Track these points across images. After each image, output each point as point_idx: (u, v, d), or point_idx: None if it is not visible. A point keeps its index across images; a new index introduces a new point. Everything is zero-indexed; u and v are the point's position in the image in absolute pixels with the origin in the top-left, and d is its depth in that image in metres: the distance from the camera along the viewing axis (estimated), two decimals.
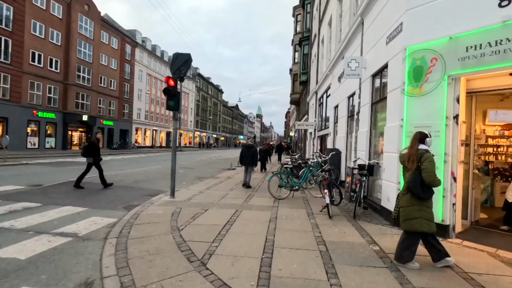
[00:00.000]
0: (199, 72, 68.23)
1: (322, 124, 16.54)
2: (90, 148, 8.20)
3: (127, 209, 6.00)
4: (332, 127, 12.38)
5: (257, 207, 6.35)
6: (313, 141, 18.83)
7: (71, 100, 29.82)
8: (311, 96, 20.96)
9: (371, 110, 6.95)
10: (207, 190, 8.41)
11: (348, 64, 7.27)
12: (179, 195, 7.41)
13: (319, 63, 18.18)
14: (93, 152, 8.18)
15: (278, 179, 7.52)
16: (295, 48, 33.27)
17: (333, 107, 12.35)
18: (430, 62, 4.58)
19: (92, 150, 8.17)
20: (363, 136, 7.15)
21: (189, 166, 16.51)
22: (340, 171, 9.98)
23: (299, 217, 5.53)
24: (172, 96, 6.81)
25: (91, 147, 8.21)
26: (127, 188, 8.64)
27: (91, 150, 8.18)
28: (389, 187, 5.25)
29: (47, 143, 27.98)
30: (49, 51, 27.29)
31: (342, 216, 5.72)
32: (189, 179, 11.04)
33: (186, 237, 4.14)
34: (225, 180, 10.93)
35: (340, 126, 10.69)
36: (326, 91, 14.90)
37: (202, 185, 9.49)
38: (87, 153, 8.15)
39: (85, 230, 4.47)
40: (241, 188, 9.04)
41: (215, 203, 6.66)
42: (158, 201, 6.63)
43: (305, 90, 26.75)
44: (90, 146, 8.25)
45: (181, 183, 9.78)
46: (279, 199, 7.28)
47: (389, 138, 5.42)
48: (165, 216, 5.33)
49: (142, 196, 7.49)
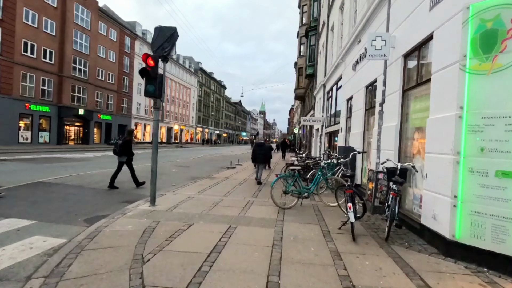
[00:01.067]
0: (201, 67, 66.78)
1: (331, 119, 15.09)
2: (125, 147, 7.67)
3: (89, 222, 4.66)
4: (344, 122, 10.94)
5: (256, 221, 4.98)
6: (320, 138, 17.39)
7: (66, 93, 28.60)
8: (318, 90, 19.48)
9: (401, 99, 5.52)
10: (198, 195, 7.06)
11: (372, 43, 5.82)
12: (162, 202, 6.06)
13: (327, 53, 16.69)
14: (127, 151, 7.69)
15: (283, 184, 6.13)
16: (300, 41, 31.70)
17: (345, 99, 10.90)
18: (510, 23, 3.14)
19: (126, 149, 7.69)
20: (391, 132, 5.73)
21: (184, 164, 15.19)
22: (355, 173, 8.57)
23: (312, 238, 4.14)
24: (152, 79, 5.43)
25: (126, 146, 7.69)
26: (104, 191, 7.31)
27: (126, 148, 7.67)
28: (437, 202, 3.84)
29: (41, 138, 26.83)
30: (43, 41, 26.02)
31: (369, 237, 4.32)
32: (181, 180, 9.70)
33: (149, 279, 2.78)
34: (222, 181, 9.57)
35: (355, 121, 9.26)
36: (336, 83, 13.44)
37: (194, 187, 8.14)
38: (121, 152, 7.64)
39: (8, 261, 3.13)
40: (239, 192, 7.68)
41: (204, 214, 5.30)
42: (133, 211, 5.28)
43: (311, 84, 25.25)
44: (125, 144, 7.69)
45: (170, 185, 8.45)
46: (284, 209, 5.91)
47: (436, 133, 4.00)
48: (132, 235, 3.98)
49: (117, 202, 6.15)
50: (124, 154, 7.66)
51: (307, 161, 9.27)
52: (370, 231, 4.61)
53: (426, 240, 4.10)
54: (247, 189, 8.24)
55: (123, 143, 7.66)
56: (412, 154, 5.10)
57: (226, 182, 9.53)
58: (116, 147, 7.65)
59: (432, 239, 3.93)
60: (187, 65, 59.20)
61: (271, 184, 5.97)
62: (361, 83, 8.63)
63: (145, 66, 5.40)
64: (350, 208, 3.98)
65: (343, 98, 11.27)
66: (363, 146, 8.42)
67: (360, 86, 8.74)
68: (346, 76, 11.02)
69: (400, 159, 5.46)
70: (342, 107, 11.42)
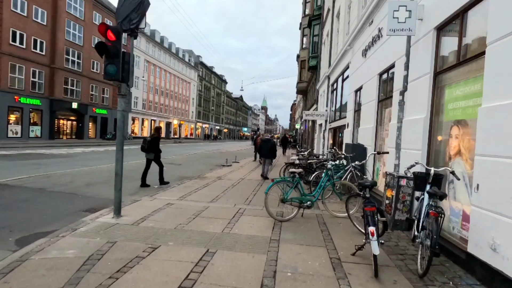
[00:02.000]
0: (201, 60, 65.37)
1: (336, 114, 13.88)
2: (153, 143, 7.49)
3: (20, 243, 3.54)
4: (352, 116, 9.74)
5: (244, 241, 3.83)
6: (323, 134, 16.19)
7: (58, 85, 27.45)
8: (322, 83, 18.23)
9: (432, 85, 4.32)
10: (179, 201, 5.92)
11: (394, 14, 4.61)
12: (131, 212, 4.92)
13: (332, 43, 15.41)
14: (155, 147, 7.53)
15: (280, 190, 4.98)
16: (303, 32, 30.31)
17: (353, 91, 9.70)
18: None
19: (155, 146, 7.52)
20: (416, 127, 4.54)
21: (177, 162, 14.05)
22: (365, 174, 7.41)
23: (317, 272, 2.99)
24: (112, 57, 4.25)
25: (154, 143, 7.50)
26: (65, 195, 6.17)
27: (154, 145, 7.49)
28: (498, 226, 2.68)
29: (32, 132, 25.77)
30: (33, 31, 24.80)
31: (395, 269, 3.16)
32: None
33: None
34: (213, 182, 8.42)
35: (365, 115, 8.07)
36: (342, 73, 12.20)
37: (178, 190, 7.00)
38: (150, 149, 7.46)
39: None
40: (230, 197, 6.54)
41: (178, 230, 4.16)
42: (89, 225, 4.15)
43: (314, 77, 23.96)
44: (153, 141, 7.49)
45: (150, 188, 7.32)
46: (281, 221, 4.77)
47: (496, 128, 2.82)
48: (67, 267, 2.85)
49: (77, 211, 5.03)
50: (152, 151, 7.47)
51: (310, 160, 8.09)
52: (395, 258, 3.46)
53: (478, 277, 2.94)
54: (240, 193, 7.10)
55: (151, 140, 7.49)
56: (449, 155, 3.91)
57: (217, 183, 8.39)
58: (144, 143, 7.46)
59: (490, 279, 2.77)
60: (187, 58, 57.83)
61: (265, 190, 4.80)
62: (373, 71, 7.43)
63: (104, 41, 4.22)
64: (373, 235, 2.80)
65: (351, 89, 10.06)
66: (375, 143, 7.24)
67: (372, 74, 7.54)
68: (354, 65, 9.79)
69: (429, 161, 4.28)
70: (349, 100, 10.21)
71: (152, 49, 44.64)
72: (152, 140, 7.49)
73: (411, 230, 4.39)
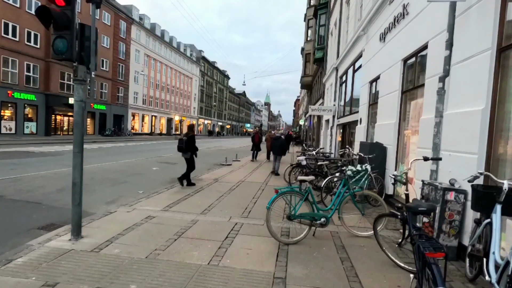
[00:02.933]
0: (203, 55, 64.13)
1: (345, 109, 12.73)
2: (190, 143, 7.18)
3: None
4: (365, 111, 8.62)
5: (237, 280, 2.77)
6: (330, 131, 15.05)
7: (54, 80, 26.51)
8: (329, 76, 17.04)
9: (496, 64, 3.18)
10: (163, 212, 4.87)
11: None
12: (98, 230, 3.88)
13: (341, 31, 14.20)
14: (193, 146, 7.24)
15: (286, 202, 3.90)
16: (308, 24, 28.99)
17: (367, 82, 8.55)
18: None
19: (192, 144, 7.22)
20: (470, 124, 3.42)
21: (172, 160, 12.99)
22: (385, 179, 6.32)
23: None
24: (61, 28, 3.18)
25: (192, 142, 7.20)
26: (26, 205, 5.14)
27: (191, 144, 7.20)
28: None
29: (27, 128, 24.91)
30: (26, 23, 23.79)
31: None
32: (154, 184, 7.54)
33: None
34: (208, 186, 7.38)
35: (384, 109, 6.94)
36: (354, 64, 11.04)
37: (165, 197, 5.96)
38: (188, 149, 7.15)
39: None
40: (225, 205, 5.48)
41: (149, 260, 3.11)
42: (31, 253, 3.12)
43: (320, 71, 22.74)
44: (190, 140, 7.17)
45: (135, 193, 6.29)
46: (287, 244, 3.70)
47: None
48: None
49: (27, 230, 4.00)
50: (189, 150, 7.22)
51: (321, 162, 6.97)
52: None
53: None
54: (237, 200, 6.04)
55: (188, 139, 7.17)
56: None
57: (212, 187, 7.33)
58: (181, 144, 7.11)
59: None
60: (188, 53, 56.64)
61: (267, 205, 3.72)
62: (395, 56, 6.29)
63: (51, 6, 3.14)
64: None
65: (365, 80, 8.91)
66: (397, 142, 6.13)
67: (393, 61, 6.40)
68: (369, 52, 8.63)
69: (490, 168, 3.17)
70: (363, 92, 9.07)
71: (152, 43, 43.50)
72: (189, 139, 7.22)
73: (461, 260, 3.31)
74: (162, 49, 46.46)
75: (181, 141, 7.15)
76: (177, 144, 7.24)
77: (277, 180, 8.90)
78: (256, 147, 14.36)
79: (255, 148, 14.38)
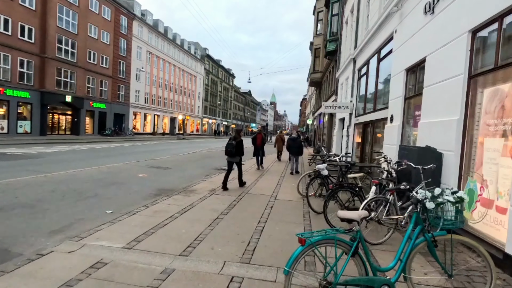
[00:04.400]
0: (208, 53, 62.62)
1: (366, 105, 10.97)
2: (239, 147, 7.29)
3: None
4: (400, 106, 6.87)
5: None
6: (347, 131, 13.27)
7: (50, 77, 25.20)
8: (344, 69, 15.25)
9: None
10: (124, 252, 3.22)
11: None
12: None
13: (359, 18, 12.43)
14: (241, 150, 7.36)
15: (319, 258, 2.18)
16: (317, 17, 27.19)
17: (403, 69, 6.81)
18: None
19: (241, 149, 7.34)
20: None
21: (165, 165, 11.32)
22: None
23: None
24: None
25: (241, 146, 7.31)
26: None
27: (240, 148, 7.32)
28: None
29: (20, 127, 23.63)
30: (20, 16, 22.51)
31: None
32: (133, 198, 5.90)
33: None
34: (201, 202, 5.71)
35: (434, 101, 5.19)
36: (379, 50, 9.28)
37: (137, 221, 4.31)
38: (237, 152, 7.26)
39: None
40: (217, 240, 3.80)
41: None
42: None
43: (332, 65, 20.93)
44: (239, 144, 7.27)
45: (100, 214, 4.66)
46: None
47: None
48: None
49: None
50: (238, 154, 7.34)
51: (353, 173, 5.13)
52: None
53: None
54: (237, 227, 4.36)
55: (237, 144, 7.24)
56: None
57: (206, 203, 5.66)
58: (230, 147, 7.17)
59: None
60: (193, 51, 55.19)
61: (285, 269, 2.05)
62: (455, 29, 4.55)
63: None
64: None
65: (397, 68, 7.17)
66: (462, 146, 4.37)
67: (452, 35, 4.65)
68: (405, 32, 6.86)
69: None
70: (395, 83, 7.32)
71: (155, 39, 42.12)
72: (238, 144, 7.31)
73: None
74: (165, 46, 45.07)
75: (231, 145, 7.20)
76: (226, 147, 7.27)
77: (290, 190, 7.20)
78: (259, 151, 11.61)
79: (258, 153, 11.63)
